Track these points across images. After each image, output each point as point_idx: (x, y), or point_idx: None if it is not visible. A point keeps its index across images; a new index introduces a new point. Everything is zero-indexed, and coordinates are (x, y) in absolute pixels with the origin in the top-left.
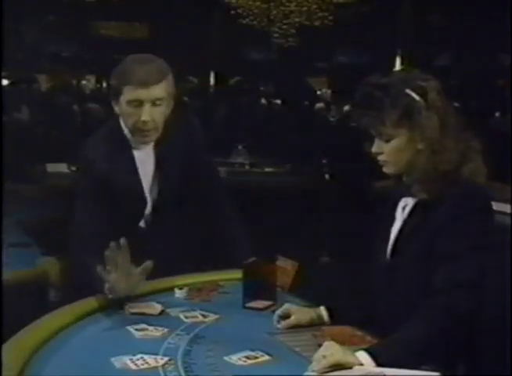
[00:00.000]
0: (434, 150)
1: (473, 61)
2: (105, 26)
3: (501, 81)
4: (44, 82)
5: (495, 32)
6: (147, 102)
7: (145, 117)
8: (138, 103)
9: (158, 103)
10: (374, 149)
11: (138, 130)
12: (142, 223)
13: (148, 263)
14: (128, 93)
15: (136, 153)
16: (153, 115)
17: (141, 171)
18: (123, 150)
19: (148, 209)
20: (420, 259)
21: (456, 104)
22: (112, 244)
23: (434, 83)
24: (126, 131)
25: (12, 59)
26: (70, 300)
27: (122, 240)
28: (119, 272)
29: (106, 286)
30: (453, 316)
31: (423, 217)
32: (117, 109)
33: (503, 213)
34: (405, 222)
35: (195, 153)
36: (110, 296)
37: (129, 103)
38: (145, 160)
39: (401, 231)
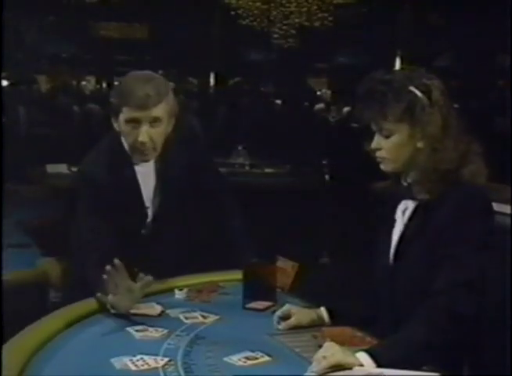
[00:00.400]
0: (435, 148)
1: (473, 62)
2: (105, 27)
3: (501, 82)
4: (44, 83)
5: (495, 32)
6: (145, 122)
7: (142, 137)
8: (136, 123)
9: (157, 123)
10: (373, 144)
11: (137, 149)
12: (143, 231)
13: (148, 278)
14: (127, 113)
15: (137, 168)
16: (151, 135)
17: (142, 184)
18: (124, 165)
19: (149, 218)
20: (423, 262)
21: (456, 105)
22: (108, 267)
23: (438, 82)
24: (126, 147)
25: (12, 59)
26: (70, 301)
27: (116, 261)
28: (119, 290)
29: (108, 305)
30: (454, 317)
31: (424, 220)
32: (116, 126)
33: (503, 214)
34: (406, 226)
35: (197, 156)
36: (113, 311)
37: (127, 122)
38: (146, 173)
39: (402, 235)
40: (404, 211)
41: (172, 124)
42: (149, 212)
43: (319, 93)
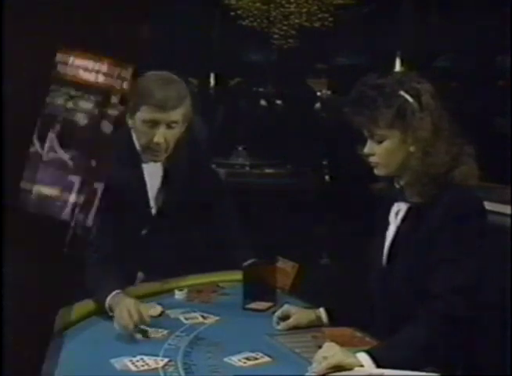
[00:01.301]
0: (426, 152)
1: (473, 62)
2: None
3: (501, 82)
4: None
5: (496, 32)
6: (163, 124)
7: (158, 139)
8: (154, 124)
9: (173, 125)
10: (366, 150)
11: (150, 149)
12: (144, 231)
13: (157, 308)
14: (145, 113)
15: (145, 166)
16: (166, 137)
17: (148, 182)
18: (132, 163)
19: (152, 217)
20: (414, 264)
21: (456, 105)
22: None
23: (428, 86)
24: (137, 145)
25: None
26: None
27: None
28: (129, 320)
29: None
30: (452, 320)
31: (417, 222)
32: (130, 122)
33: (503, 214)
34: (398, 228)
35: (198, 157)
36: (118, 328)
37: (144, 122)
38: (153, 173)
39: (395, 237)
40: (397, 213)
41: (185, 126)
42: (153, 209)
43: (319, 94)
